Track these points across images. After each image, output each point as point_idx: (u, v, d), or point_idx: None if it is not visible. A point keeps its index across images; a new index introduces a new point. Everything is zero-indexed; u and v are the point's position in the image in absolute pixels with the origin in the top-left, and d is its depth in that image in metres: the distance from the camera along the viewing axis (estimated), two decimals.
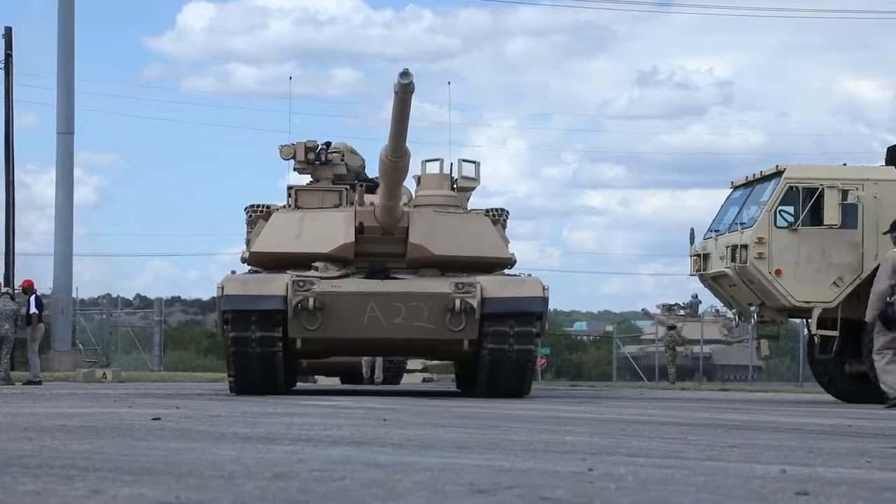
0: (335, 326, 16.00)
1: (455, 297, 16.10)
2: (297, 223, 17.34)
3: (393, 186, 16.42)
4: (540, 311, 16.34)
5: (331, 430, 7.08)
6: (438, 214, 17.54)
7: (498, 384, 16.51)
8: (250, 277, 16.46)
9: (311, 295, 15.90)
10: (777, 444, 6.77)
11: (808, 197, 17.08)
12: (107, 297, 36.19)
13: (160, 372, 31.35)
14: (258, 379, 16.27)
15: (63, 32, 30.11)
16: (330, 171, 18.78)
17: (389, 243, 17.10)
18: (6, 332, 21.72)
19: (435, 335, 16.20)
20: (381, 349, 18.27)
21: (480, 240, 17.44)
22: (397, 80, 14.46)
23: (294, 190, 17.98)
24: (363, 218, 17.09)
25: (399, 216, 16.99)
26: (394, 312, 16.07)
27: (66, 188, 30.42)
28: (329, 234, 17.06)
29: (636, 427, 8.31)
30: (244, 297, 15.85)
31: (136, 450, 5.37)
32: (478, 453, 5.48)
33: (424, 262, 17.05)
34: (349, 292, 16.17)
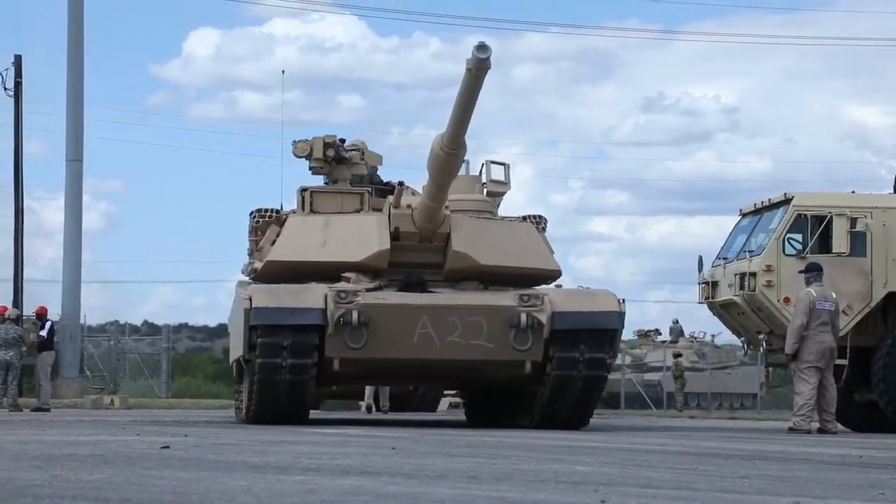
0: (380, 345, 13.99)
1: (520, 312, 14.14)
2: (320, 229, 15.23)
3: (442, 185, 14.30)
4: (616, 327, 14.47)
5: (340, 460, 7.06)
6: (481, 220, 15.46)
7: (558, 412, 14.64)
8: (282, 288, 14.30)
9: (354, 308, 13.91)
10: (788, 474, 6.74)
11: (816, 225, 17.07)
12: (114, 324, 36.22)
13: (168, 399, 31.32)
14: (284, 405, 14.49)
15: (72, 60, 30.23)
16: (348, 171, 16.43)
17: (427, 252, 15.02)
18: (11, 358, 21.72)
19: (494, 356, 14.19)
20: (429, 373, 15.45)
21: (527, 249, 15.43)
22: (472, 55, 12.74)
23: (309, 192, 15.80)
24: (399, 222, 14.97)
25: (441, 221, 14.88)
26: (448, 329, 14.11)
27: (75, 215, 30.48)
28: (361, 241, 14.95)
29: (646, 457, 8.28)
30: (276, 310, 13.85)
31: (146, 479, 5.36)
32: (489, 484, 5.46)
33: (466, 272, 14.98)
34: (399, 305, 14.21)
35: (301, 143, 16.21)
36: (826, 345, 14.78)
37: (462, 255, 14.82)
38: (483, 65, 12.76)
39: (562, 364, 14.23)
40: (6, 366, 21.69)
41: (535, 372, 14.31)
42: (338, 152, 16.14)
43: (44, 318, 23.09)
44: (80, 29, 30.32)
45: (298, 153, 16.23)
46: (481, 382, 15.76)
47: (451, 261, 14.87)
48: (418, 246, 14.98)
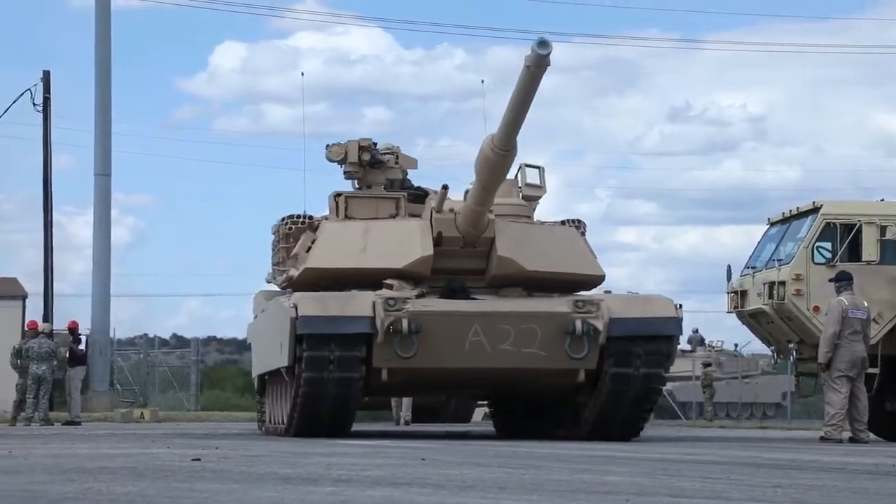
0: (431, 354, 13.50)
1: (575, 318, 13.68)
2: (360, 234, 14.79)
3: (490, 188, 13.92)
4: (673, 333, 14.06)
5: (370, 471, 7.06)
6: (525, 225, 15.10)
7: (610, 423, 14.20)
8: (328, 296, 13.79)
9: (404, 315, 13.43)
10: (821, 484, 6.71)
11: (845, 233, 16.99)
12: (143, 337, 36.35)
13: (197, 411, 31.40)
14: (328, 417, 14.07)
15: (100, 75, 30.41)
16: (382, 176, 15.95)
17: (469, 257, 14.58)
18: (44, 372, 21.83)
19: (547, 364, 13.74)
20: (479, 382, 15.00)
21: (571, 254, 14.96)
22: (532, 52, 12.34)
23: (343, 197, 15.40)
24: (442, 227, 14.49)
25: (485, 225, 14.42)
26: (501, 337, 13.64)
27: (104, 229, 30.63)
28: (403, 247, 14.52)
29: (677, 466, 8.25)
30: (324, 318, 13.38)
31: (178, 492, 5.37)
32: (519, 494, 5.45)
33: (510, 279, 14.54)
34: (450, 312, 13.76)
35: (335, 147, 15.79)
36: (858, 354, 14.70)
37: (508, 260, 14.43)
38: (543, 62, 12.38)
39: (617, 372, 13.80)
40: (38, 380, 21.80)
41: (588, 381, 13.92)
42: (373, 156, 15.74)
43: (76, 332, 23.20)
44: (108, 44, 30.51)
45: (332, 157, 15.81)
46: (530, 392, 15.23)
47: (495, 267, 14.47)
48: (461, 251, 14.56)
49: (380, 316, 13.38)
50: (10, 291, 31.62)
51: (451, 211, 14.51)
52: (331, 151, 15.79)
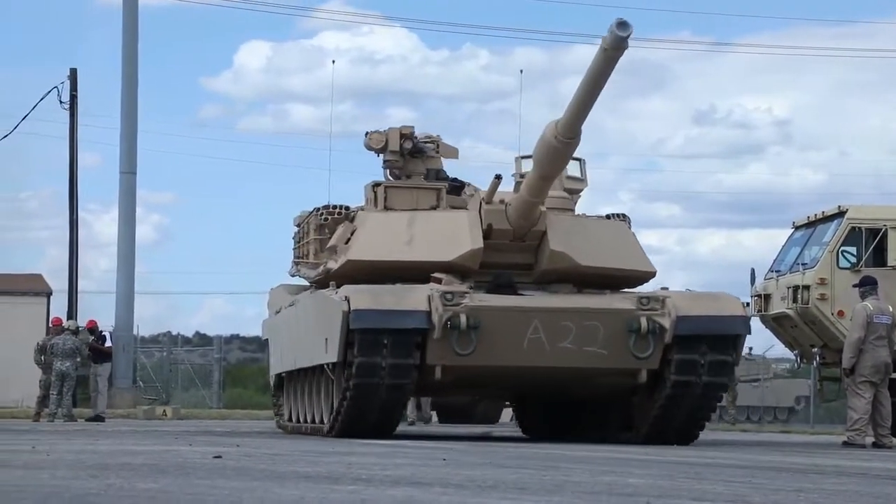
0: (488, 351, 12.87)
1: (640, 315, 13.06)
2: (405, 226, 14.21)
3: (548, 178, 13.33)
4: (742, 332, 13.44)
5: (390, 470, 7.07)
6: (577, 218, 14.60)
7: (669, 425, 13.62)
8: (381, 289, 13.16)
9: (462, 310, 12.77)
10: (844, 488, 6.68)
11: (871, 237, 16.93)
12: (167, 335, 36.48)
13: (219, 409, 31.48)
14: (377, 416, 13.41)
15: (127, 73, 30.53)
16: (422, 165, 15.30)
17: (518, 251, 14.02)
18: (67, 368, 21.92)
19: (609, 364, 13.13)
20: (536, 382, 14.18)
21: (622, 249, 14.42)
22: (610, 33, 11.78)
23: (382, 187, 14.80)
24: (492, 219, 13.92)
25: (537, 218, 13.84)
26: (562, 334, 13.02)
27: (129, 227, 30.75)
28: (451, 239, 13.92)
29: (699, 469, 8.22)
30: (378, 312, 12.71)
31: (200, 489, 5.39)
32: (540, 495, 5.44)
33: (561, 274, 13.99)
34: (511, 308, 13.15)
35: (375, 135, 15.16)
36: (882, 359, 14.63)
37: (560, 255, 13.86)
38: (621, 44, 11.84)
39: (682, 372, 13.16)
40: (62, 376, 21.90)
41: (649, 381, 13.34)
42: (415, 144, 15.13)
43: (95, 331, 23.29)
44: (135, 42, 30.63)
45: (373, 145, 15.17)
46: (583, 394, 14.63)
47: (546, 261, 13.91)
48: (509, 245, 13.99)
49: (437, 310, 12.74)
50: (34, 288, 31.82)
51: (501, 202, 13.93)
52: (371, 139, 15.18)
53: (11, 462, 7.37)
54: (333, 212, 15.11)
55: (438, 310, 12.76)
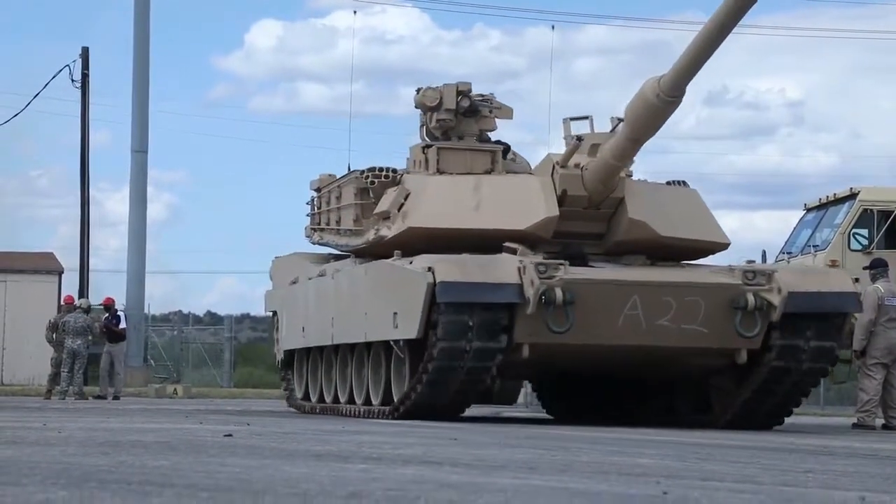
0: (582, 329, 11.88)
1: (747, 291, 12.08)
2: (471, 191, 13.18)
3: (640, 139, 12.34)
4: (851, 310, 12.77)
5: (401, 449, 7.08)
6: (653, 185, 13.68)
7: (759, 408, 12.83)
8: (467, 259, 12.11)
9: (557, 283, 11.66)
10: (853, 469, 6.68)
11: (882, 219, 16.88)
12: (178, 314, 36.55)
13: (230, 388, 31.57)
14: (454, 397, 12.55)
15: (138, 52, 30.53)
16: (476, 127, 14.26)
17: (591, 220, 13.09)
18: (79, 346, 21.99)
19: (708, 343, 12.22)
20: (628, 362, 12.89)
21: (697, 218, 13.55)
22: None
23: (435, 149, 13.79)
24: (568, 184, 12.88)
25: (616, 184, 12.89)
26: (660, 310, 12.07)
27: (140, 206, 30.80)
28: (524, 206, 12.91)
29: (708, 450, 8.23)
30: (466, 285, 11.73)
31: (210, 466, 5.41)
32: (550, 475, 5.45)
33: (638, 245, 13.06)
34: (609, 281, 12.17)
35: (430, 91, 14.10)
36: (893, 341, 14.61)
37: (640, 224, 12.93)
38: None
39: (784, 353, 12.31)
40: (73, 354, 21.97)
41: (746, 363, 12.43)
42: (473, 102, 14.10)
43: (112, 309, 23.34)
44: (147, 21, 30.61)
45: (427, 102, 14.10)
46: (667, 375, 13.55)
47: (624, 231, 12.98)
48: (582, 213, 13.01)
49: (534, 284, 11.65)
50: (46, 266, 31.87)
51: (576, 166, 12.90)
52: (424, 96, 14.13)
53: (23, 439, 7.41)
54: (380, 174, 13.97)
55: (534, 282, 11.65)
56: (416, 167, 13.95)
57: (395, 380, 13.22)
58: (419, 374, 12.32)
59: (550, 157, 13.28)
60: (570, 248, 12.89)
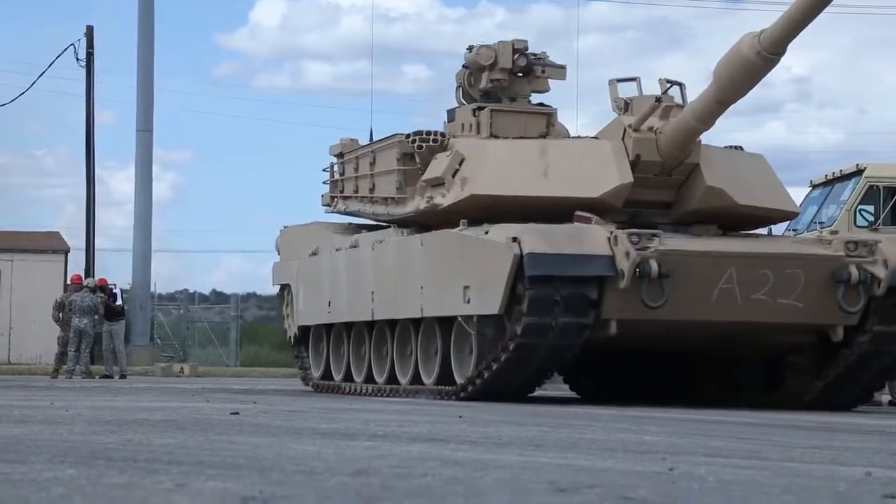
0: (676, 304, 11.17)
1: (849, 263, 11.40)
2: (537, 155, 12.44)
3: (728, 101, 11.68)
4: None
5: (407, 427, 7.10)
6: (726, 151, 13.02)
7: (846, 391, 12.31)
8: (554, 229, 11.39)
9: (652, 255, 10.98)
10: (859, 445, 6.69)
11: (889, 196, 16.84)
12: (184, 293, 36.59)
13: (236, 367, 31.64)
14: (530, 376, 11.95)
15: (143, 30, 30.49)
16: (528, 87, 13.57)
17: (662, 188, 12.42)
18: (85, 326, 22.03)
19: (804, 318, 11.55)
20: (718, 339, 12.18)
21: (771, 186, 12.98)
22: None
23: (488, 111, 13.10)
24: (642, 149, 12.17)
25: (692, 149, 12.23)
26: (757, 284, 11.39)
27: (145, 185, 30.80)
28: (596, 172, 12.19)
29: (713, 427, 8.25)
30: (556, 257, 11.00)
31: (217, 444, 5.42)
32: (556, 452, 5.47)
33: (710, 214, 12.45)
34: (705, 252, 11.45)
35: (484, 49, 13.35)
36: None
37: (717, 191, 12.29)
38: None
39: (882, 331, 11.66)
40: (80, 333, 22.01)
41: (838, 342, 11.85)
42: (529, 61, 13.39)
43: (106, 289, 23.35)
44: None
45: (481, 61, 13.35)
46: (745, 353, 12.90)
47: (699, 199, 12.33)
48: (654, 180, 12.32)
49: (630, 255, 10.94)
50: (52, 246, 31.90)
51: (650, 130, 12.24)
52: (479, 54, 13.39)
53: (30, 418, 7.43)
54: (427, 138, 13.08)
55: (630, 254, 10.94)
56: (464, 131, 13.21)
57: (457, 358, 12.45)
58: (497, 352, 11.57)
59: (621, 119, 12.54)
60: (639, 217, 12.22)
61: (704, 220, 12.49)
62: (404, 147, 13.40)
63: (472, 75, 13.75)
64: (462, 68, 13.82)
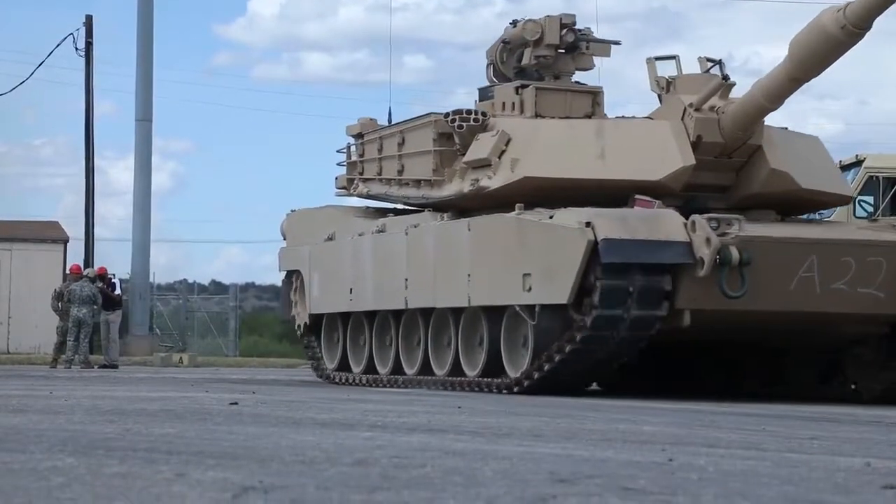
0: (756, 293, 10.59)
1: None
2: (592, 136, 11.88)
3: (803, 79, 11.10)
4: None
5: (406, 418, 7.10)
6: (785, 132, 12.38)
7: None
8: (627, 213, 10.93)
9: (732, 241, 10.44)
10: (858, 436, 6.69)
11: (888, 187, 16.81)
12: (183, 283, 36.62)
13: (235, 357, 31.65)
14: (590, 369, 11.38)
15: (142, 20, 30.45)
16: (572, 65, 12.93)
17: (720, 170, 11.87)
18: (84, 315, 22.02)
19: (883, 308, 11.05)
20: (792, 331, 11.61)
21: (828, 169, 12.57)
22: None
23: (532, 89, 12.43)
24: (704, 129, 11.59)
25: (755, 130, 11.67)
26: (837, 272, 10.88)
27: (144, 175, 30.78)
28: (656, 154, 11.63)
29: (713, 417, 8.25)
30: (632, 243, 10.43)
31: (217, 434, 5.42)
32: (555, 442, 5.47)
33: (770, 198, 11.89)
34: (786, 239, 10.93)
35: (530, 24, 12.65)
36: None
37: (782, 175, 11.74)
38: None
39: None
40: (79, 323, 22.00)
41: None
42: (577, 37, 12.78)
43: (105, 278, 23.34)
44: None
45: (526, 36, 12.65)
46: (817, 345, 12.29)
47: (761, 182, 11.77)
48: (712, 163, 11.76)
49: (711, 241, 10.36)
50: (52, 235, 31.89)
51: (711, 109, 11.67)
52: (524, 29, 12.71)
53: (29, 407, 7.43)
54: (468, 117, 12.40)
55: (711, 240, 10.37)
56: (505, 110, 12.59)
57: (509, 350, 11.83)
58: (561, 344, 11.00)
59: (681, 98, 11.95)
60: (695, 201, 11.60)
61: (763, 205, 11.94)
62: (441, 126, 12.75)
63: (508, 52, 13.13)
64: (501, 44, 13.16)
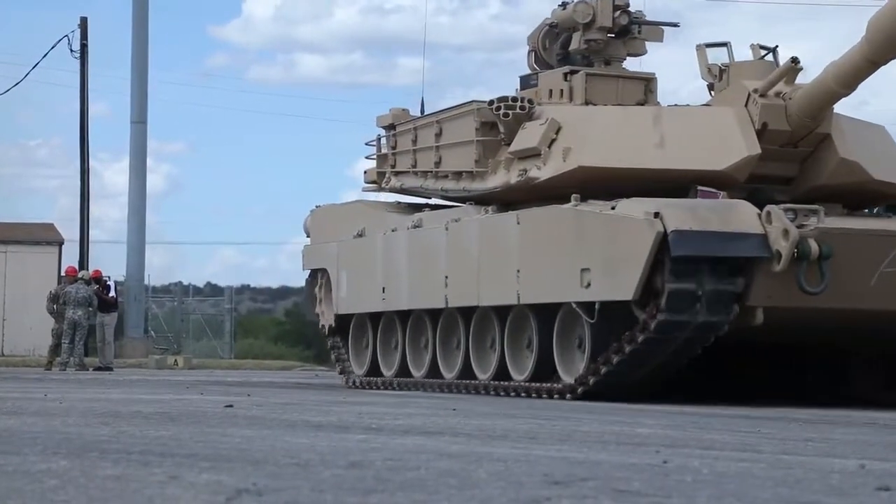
0: (835, 290, 9.98)
1: None
2: (651, 124, 11.28)
3: (882, 60, 10.41)
4: None
5: (401, 420, 7.10)
6: (853, 120, 11.80)
7: None
8: (696, 203, 10.30)
9: (811, 234, 9.86)
10: (852, 438, 6.70)
11: None
12: (178, 285, 36.55)
13: (231, 359, 31.63)
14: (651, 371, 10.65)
15: (137, 22, 30.44)
16: (623, 50, 12.36)
17: (785, 160, 11.26)
18: (80, 317, 22.00)
19: None
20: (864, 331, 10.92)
21: (892, 159, 11.90)
22: None
23: (582, 75, 11.89)
24: (770, 116, 11.00)
25: (824, 117, 11.09)
26: None
27: (139, 177, 30.77)
28: (719, 143, 11.04)
29: (707, 419, 8.25)
30: (704, 235, 9.76)
31: (211, 436, 5.42)
32: (550, 444, 5.47)
33: (841, 190, 11.30)
34: (869, 231, 10.42)
35: (581, 6, 12.07)
36: None
37: (852, 165, 11.19)
38: None
39: None
40: (74, 325, 21.99)
41: None
42: (631, 20, 12.23)
43: (101, 280, 23.32)
44: None
45: (579, 19, 12.08)
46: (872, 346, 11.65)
47: (830, 173, 11.21)
48: (778, 152, 11.14)
49: (789, 234, 9.75)
50: (47, 237, 31.85)
51: (777, 95, 11.09)
52: (576, 11, 12.12)
53: (24, 409, 7.42)
54: (514, 105, 11.74)
55: (790, 232, 9.76)
56: (552, 97, 12.06)
57: (562, 352, 11.22)
58: (619, 345, 10.43)
59: (744, 84, 11.37)
60: (760, 193, 10.92)
61: (830, 198, 11.26)
62: (484, 115, 12.13)
63: (552, 38, 12.58)
64: (547, 28, 12.63)
